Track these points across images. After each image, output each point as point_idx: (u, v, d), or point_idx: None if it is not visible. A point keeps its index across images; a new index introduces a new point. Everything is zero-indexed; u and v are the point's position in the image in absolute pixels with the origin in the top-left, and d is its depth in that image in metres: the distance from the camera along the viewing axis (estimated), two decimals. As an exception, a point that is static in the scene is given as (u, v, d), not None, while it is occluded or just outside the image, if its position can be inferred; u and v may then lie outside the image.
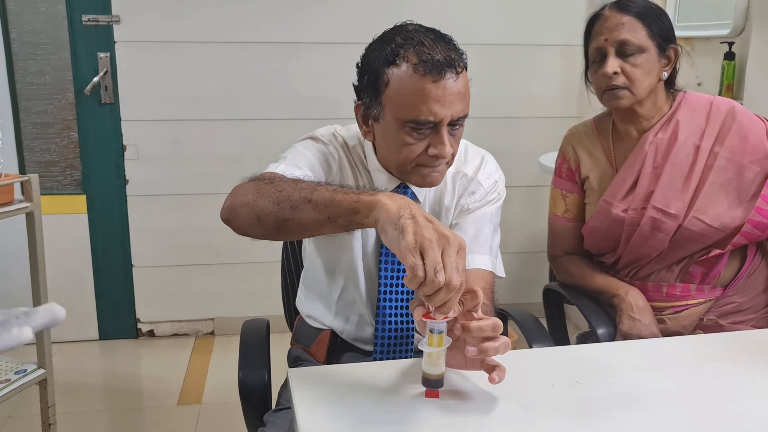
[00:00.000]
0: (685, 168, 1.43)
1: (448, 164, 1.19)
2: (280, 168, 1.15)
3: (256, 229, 1.03)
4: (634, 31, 1.38)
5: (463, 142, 1.32)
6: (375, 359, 1.29)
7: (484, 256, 1.25)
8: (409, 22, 1.17)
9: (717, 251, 1.43)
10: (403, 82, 1.10)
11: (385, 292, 1.28)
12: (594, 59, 1.45)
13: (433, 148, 1.12)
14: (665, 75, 1.44)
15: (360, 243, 1.27)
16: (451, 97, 1.09)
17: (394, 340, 1.29)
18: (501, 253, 1.32)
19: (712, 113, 1.44)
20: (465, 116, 1.14)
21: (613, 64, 1.39)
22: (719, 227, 1.41)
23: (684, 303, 1.47)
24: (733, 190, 1.42)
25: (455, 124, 1.13)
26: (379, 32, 1.18)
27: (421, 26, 1.16)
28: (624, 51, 1.39)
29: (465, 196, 1.27)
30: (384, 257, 1.27)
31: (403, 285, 1.27)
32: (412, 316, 1.27)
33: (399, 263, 1.26)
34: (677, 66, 1.46)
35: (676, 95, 1.49)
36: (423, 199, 1.27)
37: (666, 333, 1.45)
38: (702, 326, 1.47)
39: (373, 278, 1.29)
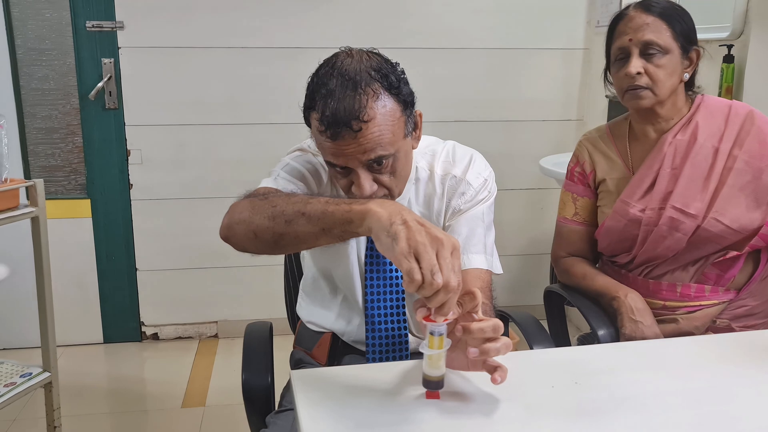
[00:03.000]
0: (704, 169, 1.43)
1: (392, 195, 1.17)
2: (272, 182, 1.18)
3: (255, 245, 1.06)
4: (659, 32, 1.39)
5: (450, 143, 1.33)
6: (369, 362, 1.30)
7: (479, 255, 1.25)
8: (345, 49, 1.15)
9: (734, 253, 1.43)
10: (315, 130, 1.12)
11: (372, 300, 1.28)
12: (616, 58, 1.44)
13: (354, 188, 1.13)
14: (687, 76, 1.44)
15: (355, 250, 1.29)
16: (352, 150, 1.08)
17: (386, 345, 1.29)
18: (502, 255, 1.33)
19: (731, 117, 1.45)
20: (385, 156, 1.10)
21: (636, 64, 1.39)
22: (737, 229, 1.41)
23: (698, 303, 1.46)
24: (751, 192, 1.42)
25: (378, 163, 1.11)
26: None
27: (349, 60, 1.11)
28: (648, 51, 1.39)
29: (455, 197, 1.27)
30: (369, 266, 1.28)
31: (390, 291, 1.28)
32: (403, 321, 1.29)
33: (384, 270, 1.28)
34: (698, 67, 1.46)
35: (694, 97, 1.49)
36: (407, 203, 1.27)
37: (678, 332, 1.45)
38: (714, 328, 1.47)
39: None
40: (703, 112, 1.46)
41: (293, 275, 1.59)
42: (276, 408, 1.32)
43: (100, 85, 2.60)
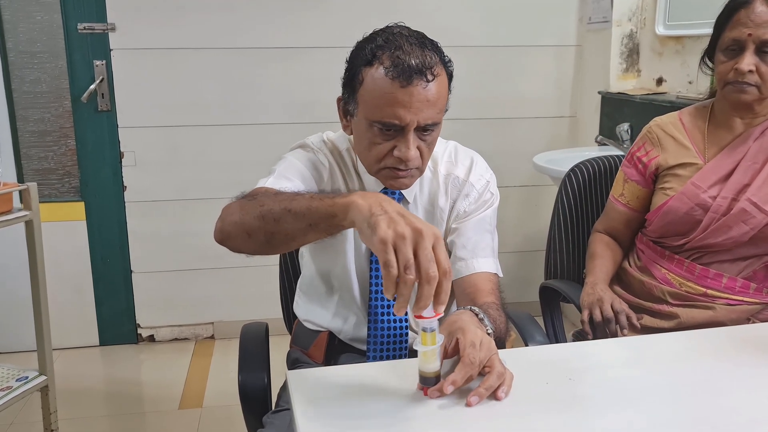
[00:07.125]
0: None
1: (420, 170, 1.20)
2: (270, 181, 1.18)
3: (248, 245, 1.06)
4: None
5: (452, 143, 1.34)
6: (369, 359, 1.31)
7: (488, 259, 1.27)
8: (399, 23, 1.19)
9: None
10: (374, 84, 1.12)
11: (377, 291, 1.29)
12: (727, 47, 1.39)
13: (398, 150, 1.14)
14: None
15: (353, 247, 1.29)
16: (418, 104, 1.10)
17: (387, 339, 1.31)
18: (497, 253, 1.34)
19: None
20: (435, 123, 1.15)
21: (749, 61, 1.35)
22: None
23: (740, 299, 1.45)
24: None
25: (425, 130, 1.14)
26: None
27: (407, 30, 1.17)
28: (764, 49, 1.35)
29: (460, 199, 1.29)
30: (375, 264, 1.29)
31: None
32: (404, 316, 1.29)
33: None
34: None
35: None
36: (413, 199, 1.29)
37: (712, 322, 1.43)
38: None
39: (366, 280, 1.31)
40: None
41: (289, 275, 1.59)
42: (273, 408, 1.32)
43: (92, 87, 2.60)
